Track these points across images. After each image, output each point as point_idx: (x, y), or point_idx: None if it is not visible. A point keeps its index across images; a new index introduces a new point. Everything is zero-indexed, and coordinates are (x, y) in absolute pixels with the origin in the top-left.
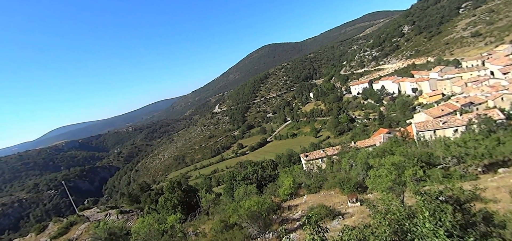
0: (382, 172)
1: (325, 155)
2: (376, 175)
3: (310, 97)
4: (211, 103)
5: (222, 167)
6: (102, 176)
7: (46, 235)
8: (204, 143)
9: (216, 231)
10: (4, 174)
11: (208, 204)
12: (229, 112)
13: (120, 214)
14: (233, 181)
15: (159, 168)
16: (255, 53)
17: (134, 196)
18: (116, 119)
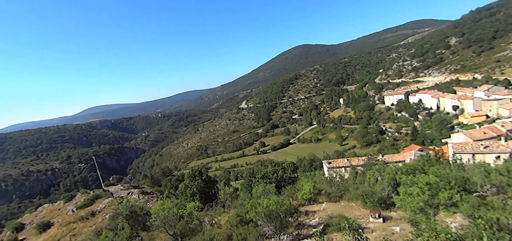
0: (413, 191)
1: (349, 165)
2: (406, 192)
3: (340, 103)
4: (238, 98)
5: (242, 163)
6: (129, 156)
7: (73, 204)
8: (227, 137)
9: (231, 224)
10: (42, 143)
11: (225, 196)
12: (255, 109)
13: (141, 194)
14: (252, 178)
15: (182, 156)
16: (288, 53)
17: (156, 179)
18: (147, 105)
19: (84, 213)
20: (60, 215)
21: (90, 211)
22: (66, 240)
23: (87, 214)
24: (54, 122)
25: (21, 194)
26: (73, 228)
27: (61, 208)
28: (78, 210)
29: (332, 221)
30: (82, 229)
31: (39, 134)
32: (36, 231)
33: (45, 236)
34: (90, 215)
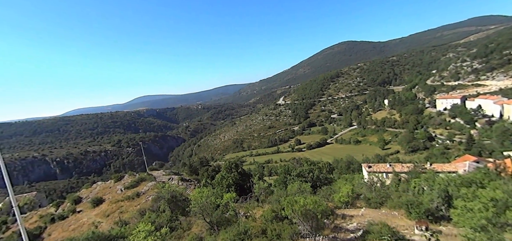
0: (474, 206)
1: (392, 171)
2: (466, 207)
3: (384, 105)
4: (276, 94)
5: (276, 159)
6: (170, 144)
7: (121, 184)
8: (263, 132)
9: (266, 219)
10: (98, 127)
11: (260, 191)
12: (292, 106)
13: (180, 181)
14: (287, 175)
15: (219, 147)
16: (330, 50)
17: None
18: (189, 96)
19: (131, 193)
20: (111, 193)
21: (135, 192)
22: (115, 216)
23: (133, 194)
24: (108, 108)
25: (79, 171)
26: (121, 206)
27: (112, 186)
28: (126, 190)
29: (373, 228)
30: (128, 208)
31: (96, 118)
32: (90, 205)
33: (97, 210)
34: (135, 195)
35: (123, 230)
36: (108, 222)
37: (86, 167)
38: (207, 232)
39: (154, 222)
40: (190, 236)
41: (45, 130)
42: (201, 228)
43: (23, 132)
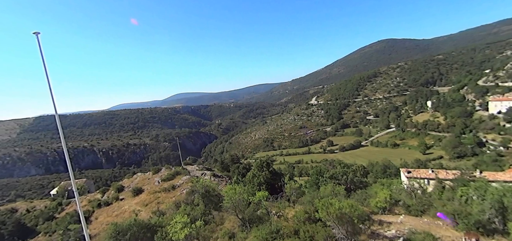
0: None
1: (435, 177)
2: None
3: (427, 106)
4: (308, 94)
5: (307, 160)
6: (203, 140)
7: (159, 176)
8: (294, 132)
9: (298, 220)
10: (138, 121)
11: (291, 191)
12: (325, 107)
13: (213, 176)
14: (319, 177)
15: (249, 145)
16: (368, 48)
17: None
18: (222, 95)
19: (167, 185)
20: (149, 184)
21: (171, 184)
22: (153, 205)
23: (169, 186)
24: (148, 104)
25: (121, 161)
26: (158, 197)
27: (150, 178)
28: (162, 182)
29: (415, 238)
30: (164, 199)
31: (137, 113)
32: (131, 194)
33: (137, 199)
34: (171, 188)
35: (161, 220)
36: (147, 211)
37: (127, 158)
38: (239, 228)
39: (189, 214)
40: (223, 230)
41: (93, 122)
42: (233, 224)
43: (76, 123)
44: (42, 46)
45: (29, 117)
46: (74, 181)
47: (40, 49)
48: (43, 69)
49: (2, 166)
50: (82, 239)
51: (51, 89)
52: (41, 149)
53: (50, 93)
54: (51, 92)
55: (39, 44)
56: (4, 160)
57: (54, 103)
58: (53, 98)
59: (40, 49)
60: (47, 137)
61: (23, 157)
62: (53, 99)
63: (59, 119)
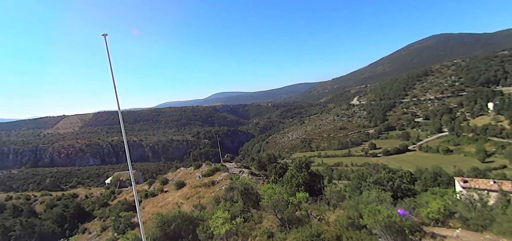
0: None
1: (498, 189)
2: None
3: (487, 109)
4: (349, 94)
5: (347, 162)
6: (241, 138)
7: (200, 171)
8: (333, 133)
9: (341, 225)
10: (181, 119)
11: (331, 194)
12: (368, 107)
13: (250, 175)
14: (362, 181)
15: (286, 145)
16: (417, 44)
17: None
18: (260, 94)
19: (207, 180)
20: (191, 178)
21: (211, 180)
22: (194, 199)
23: (209, 182)
24: (191, 102)
25: (166, 156)
26: (199, 191)
27: (192, 173)
28: (203, 177)
29: None
30: (204, 194)
31: (180, 111)
32: (175, 187)
33: (180, 192)
34: (211, 183)
35: (202, 213)
36: (188, 204)
37: (171, 153)
38: (277, 228)
39: (228, 210)
40: (262, 229)
41: (142, 118)
42: (271, 223)
43: (127, 119)
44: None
45: (89, 113)
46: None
47: (107, 50)
48: (109, 69)
49: (67, 155)
50: (131, 226)
51: (115, 88)
52: (98, 141)
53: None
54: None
55: (106, 45)
56: (68, 150)
57: (118, 100)
58: (117, 96)
59: (107, 50)
60: (103, 131)
61: (83, 148)
62: (117, 97)
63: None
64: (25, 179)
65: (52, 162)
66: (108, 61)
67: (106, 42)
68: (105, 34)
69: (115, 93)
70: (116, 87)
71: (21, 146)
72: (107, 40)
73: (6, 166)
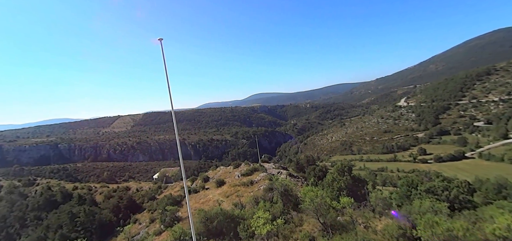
0: None
1: None
2: None
3: None
4: (396, 95)
5: (392, 168)
6: (278, 139)
7: (239, 170)
8: (376, 136)
9: (390, 235)
10: (221, 119)
11: (377, 201)
12: (417, 109)
13: (289, 176)
14: (411, 189)
15: (325, 147)
16: (476, 40)
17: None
18: (298, 95)
19: (246, 180)
20: (230, 177)
21: (249, 179)
22: (233, 197)
23: (247, 181)
24: (229, 103)
25: (206, 155)
26: (238, 190)
27: (231, 172)
28: (242, 176)
29: None
30: (243, 193)
31: (220, 112)
32: (215, 184)
33: (220, 190)
34: (249, 183)
35: (242, 212)
36: (228, 202)
37: (211, 152)
38: (319, 232)
39: (268, 210)
40: (303, 232)
41: (185, 118)
42: (313, 227)
43: (172, 119)
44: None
45: (139, 113)
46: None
47: (163, 53)
48: (164, 71)
49: (120, 152)
50: (176, 219)
51: (169, 89)
52: (146, 139)
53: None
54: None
55: (162, 49)
56: (122, 147)
57: (171, 101)
58: (170, 97)
59: (163, 54)
60: (151, 130)
61: (134, 145)
62: (171, 98)
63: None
64: (87, 171)
65: (109, 157)
66: (163, 64)
67: (162, 46)
68: (160, 39)
69: (169, 94)
70: (170, 89)
71: (84, 142)
72: (162, 44)
73: (72, 160)
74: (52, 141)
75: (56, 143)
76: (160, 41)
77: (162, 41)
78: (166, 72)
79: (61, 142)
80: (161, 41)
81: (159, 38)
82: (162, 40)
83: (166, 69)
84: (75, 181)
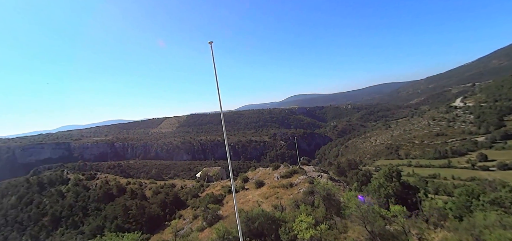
0: None
1: None
2: None
3: None
4: (450, 94)
5: (447, 175)
6: (317, 141)
7: (278, 172)
8: (427, 140)
9: None
10: (259, 121)
11: (431, 211)
12: (476, 110)
13: (329, 180)
14: (472, 199)
15: (368, 151)
16: None
17: (342, 169)
18: (338, 96)
19: (285, 182)
20: (269, 178)
21: (289, 182)
22: (272, 199)
23: (287, 183)
24: (267, 105)
25: (245, 155)
26: (277, 192)
27: (270, 173)
28: (281, 178)
29: None
30: (282, 195)
31: (258, 113)
32: (254, 185)
33: (259, 191)
34: (289, 185)
35: (283, 215)
36: (267, 203)
37: (249, 153)
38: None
39: (309, 214)
40: (348, 240)
41: (225, 120)
42: (358, 235)
43: (213, 120)
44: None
45: (183, 115)
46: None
47: (213, 56)
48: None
49: (167, 151)
50: (217, 217)
51: (218, 91)
52: (190, 140)
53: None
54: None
55: (212, 52)
56: (168, 146)
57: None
58: (219, 99)
59: (213, 57)
60: (194, 131)
61: (179, 145)
62: (220, 99)
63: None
64: (138, 168)
65: (157, 156)
66: (213, 67)
67: (212, 49)
68: (211, 42)
69: (218, 96)
70: (219, 91)
71: (136, 141)
72: (212, 47)
73: (125, 157)
74: (109, 140)
75: (112, 142)
76: (210, 45)
77: (212, 44)
78: (215, 75)
79: (116, 141)
80: (211, 44)
81: (209, 41)
82: (212, 43)
83: (216, 71)
84: (128, 177)
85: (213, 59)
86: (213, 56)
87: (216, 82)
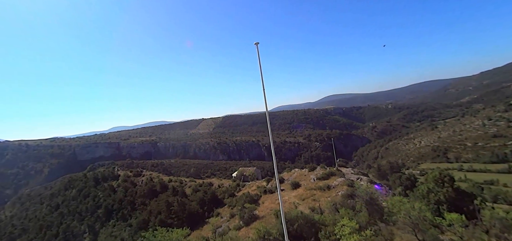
0: None
1: None
2: None
3: None
4: (509, 91)
5: (506, 181)
6: (354, 143)
7: (314, 174)
8: (482, 141)
9: None
10: (293, 122)
11: (493, 221)
12: None
13: (369, 183)
14: None
15: (412, 153)
16: None
17: (383, 172)
18: (377, 95)
19: (322, 184)
20: (305, 180)
21: (326, 184)
22: (309, 201)
23: (324, 185)
24: (302, 106)
25: (279, 156)
26: (313, 194)
27: (306, 174)
28: (318, 180)
29: None
30: (319, 197)
31: (292, 114)
32: (290, 186)
33: (295, 192)
34: (326, 187)
35: (322, 218)
36: (304, 205)
37: (283, 154)
38: None
39: (351, 219)
40: None
41: (259, 121)
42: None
43: (247, 122)
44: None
45: (219, 117)
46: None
47: (258, 57)
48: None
49: (204, 151)
50: (253, 217)
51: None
52: (225, 140)
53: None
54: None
55: (258, 53)
56: (206, 146)
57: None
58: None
59: (258, 57)
60: (229, 132)
61: (215, 146)
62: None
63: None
64: (178, 167)
65: (195, 155)
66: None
67: (258, 50)
68: (257, 43)
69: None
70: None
71: (176, 141)
72: (258, 48)
73: (167, 156)
74: (153, 140)
75: (155, 142)
76: (256, 46)
77: (258, 45)
78: (261, 75)
79: (159, 141)
80: (257, 45)
81: (256, 43)
82: (258, 44)
83: (262, 72)
84: (170, 175)
85: (259, 60)
86: (259, 56)
87: (261, 82)
